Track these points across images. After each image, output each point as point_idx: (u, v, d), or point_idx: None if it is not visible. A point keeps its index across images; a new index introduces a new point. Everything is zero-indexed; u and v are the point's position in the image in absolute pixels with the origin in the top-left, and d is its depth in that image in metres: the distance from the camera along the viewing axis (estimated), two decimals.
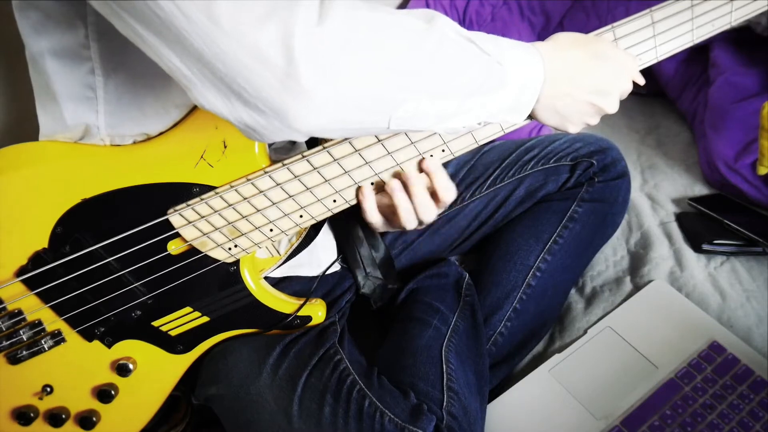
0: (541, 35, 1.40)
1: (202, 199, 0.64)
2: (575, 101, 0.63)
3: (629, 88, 0.67)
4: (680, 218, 1.08)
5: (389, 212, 0.70)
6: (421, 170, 0.68)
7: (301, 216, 0.67)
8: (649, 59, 0.69)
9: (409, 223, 0.69)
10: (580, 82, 0.62)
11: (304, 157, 0.64)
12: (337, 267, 0.85)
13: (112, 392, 0.71)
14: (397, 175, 0.67)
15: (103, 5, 0.48)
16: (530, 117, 0.63)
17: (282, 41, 0.44)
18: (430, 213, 0.69)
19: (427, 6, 1.35)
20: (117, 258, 0.66)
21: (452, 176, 0.87)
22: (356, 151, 0.64)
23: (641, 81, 0.69)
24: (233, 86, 0.46)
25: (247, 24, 0.43)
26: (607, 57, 0.64)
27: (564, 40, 0.64)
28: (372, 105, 0.50)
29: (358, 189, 0.67)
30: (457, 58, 0.53)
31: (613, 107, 0.66)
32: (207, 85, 0.47)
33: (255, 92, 0.46)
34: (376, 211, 0.69)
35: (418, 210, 0.69)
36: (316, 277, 0.81)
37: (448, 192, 0.70)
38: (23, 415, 0.70)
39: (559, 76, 0.60)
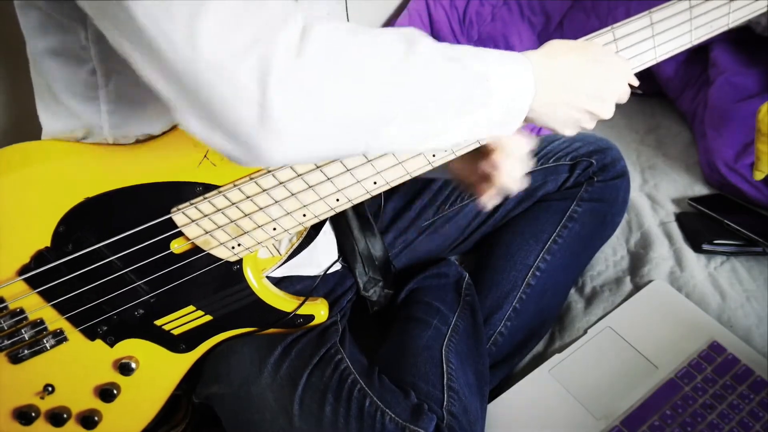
0: (541, 35, 1.40)
1: (205, 198, 0.64)
2: (570, 108, 0.63)
3: (625, 91, 0.67)
4: (680, 218, 1.08)
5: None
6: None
7: (304, 215, 0.67)
8: (649, 60, 0.70)
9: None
10: (575, 88, 0.62)
11: None
12: (337, 267, 0.85)
13: (114, 391, 0.71)
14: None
15: (96, 16, 0.48)
16: (525, 121, 0.63)
17: (259, 76, 0.43)
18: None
19: (427, 7, 1.35)
20: (120, 257, 0.66)
21: None
22: None
23: (635, 82, 0.69)
24: (212, 115, 0.46)
25: (228, 56, 0.43)
26: (600, 62, 0.64)
27: (557, 47, 0.63)
28: (345, 136, 0.49)
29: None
30: (439, 80, 0.52)
31: (608, 113, 0.65)
32: (189, 110, 0.46)
33: (231, 125, 0.45)
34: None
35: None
36: (317, 276, 0.81)
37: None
38: (24, 414, 0.70)
39: (551, 84, 0.60)
